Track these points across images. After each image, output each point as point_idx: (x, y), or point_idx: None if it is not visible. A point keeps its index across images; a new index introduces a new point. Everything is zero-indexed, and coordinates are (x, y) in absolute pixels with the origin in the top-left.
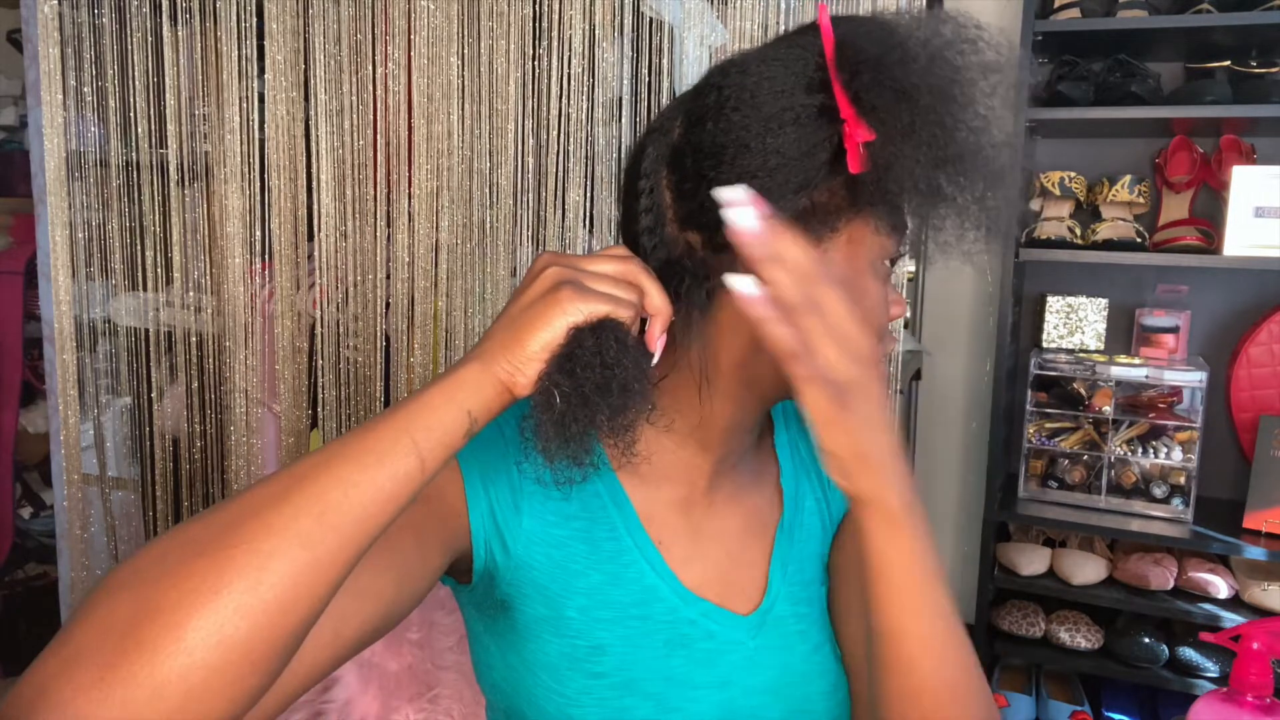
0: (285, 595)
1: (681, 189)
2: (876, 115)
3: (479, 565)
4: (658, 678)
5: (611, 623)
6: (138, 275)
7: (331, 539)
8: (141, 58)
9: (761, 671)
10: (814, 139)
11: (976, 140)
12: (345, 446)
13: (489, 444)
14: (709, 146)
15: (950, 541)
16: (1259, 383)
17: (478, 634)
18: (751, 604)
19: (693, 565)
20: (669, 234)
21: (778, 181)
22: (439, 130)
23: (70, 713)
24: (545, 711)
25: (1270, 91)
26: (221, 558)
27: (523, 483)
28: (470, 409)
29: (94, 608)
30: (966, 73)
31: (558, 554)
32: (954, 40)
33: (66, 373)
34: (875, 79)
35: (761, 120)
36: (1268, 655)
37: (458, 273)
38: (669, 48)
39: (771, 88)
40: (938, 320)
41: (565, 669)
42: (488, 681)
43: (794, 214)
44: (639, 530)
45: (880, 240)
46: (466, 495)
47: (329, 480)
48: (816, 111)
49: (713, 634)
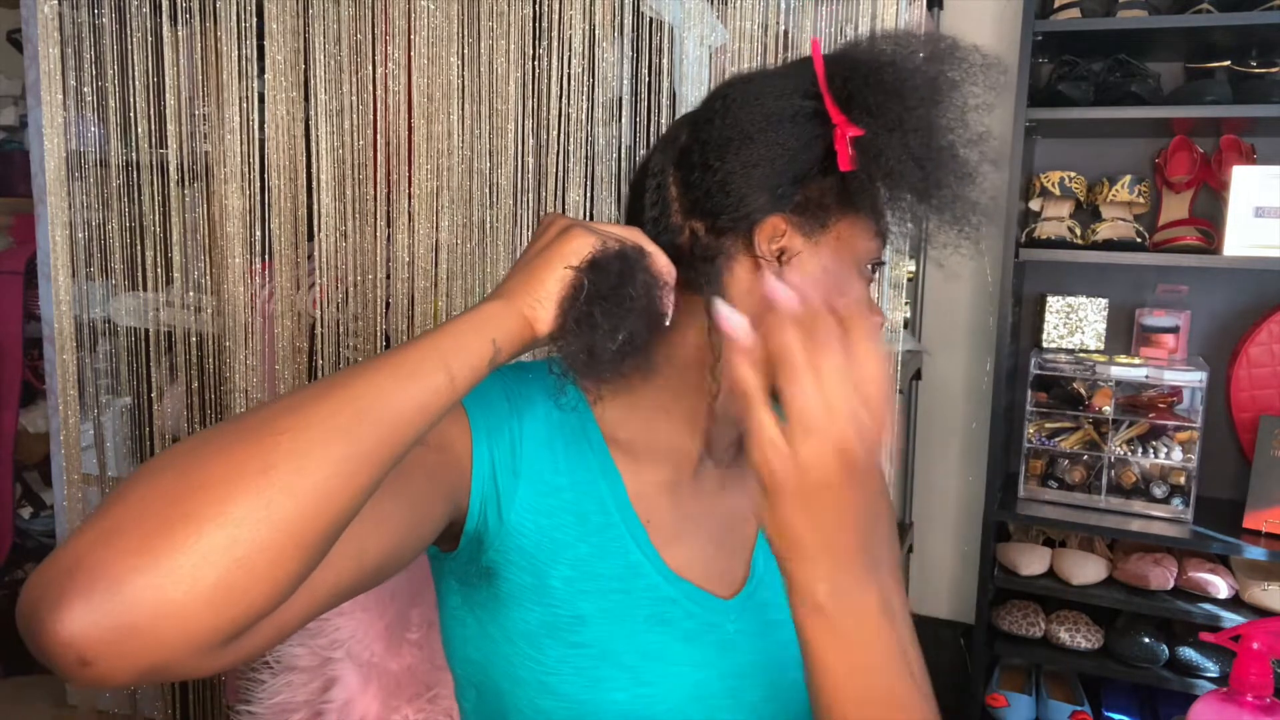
0: (329, 482)
1: (688, 181)
2: (867, 112)
3: (470, 527)
4: (636, 652)
5: (594, 595)
6: (138, 275)
7: (369, 435)
8: (141, 58)
9: (739, 655)
10: (809, 134)
11: (955, 139)
12: (379, 362)
13: (496, 408)
14: (716, 140)
15: (950, 541)
16: (1259, 383)
17: (454, 608)
18: (733, 589)
19: (677, 546)
20: (674, 223)
21: (777, 170)
22: (439, 130)
23: (112, 575)
24: (521, 680)
25: (1270, 91)
26: (268, 443)
27: (524, 449)
28: (495, 338)
29: (133, 488)
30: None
31: (547, 523)
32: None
33: (66, 373)
34: (866, 81)
35: (764, 115)
36: (1268, 655)
37: (458, 273)
38: (669, 48)
39: (774, 92)
40: (938, 320)
41: (545, 637)
42: (460, 656)
43: (791, 206)
44: (627, 507)
45: (865, 243)
46: (473, 454)
47: (364, 386)
48: (812, 112)
49: (693, 614)
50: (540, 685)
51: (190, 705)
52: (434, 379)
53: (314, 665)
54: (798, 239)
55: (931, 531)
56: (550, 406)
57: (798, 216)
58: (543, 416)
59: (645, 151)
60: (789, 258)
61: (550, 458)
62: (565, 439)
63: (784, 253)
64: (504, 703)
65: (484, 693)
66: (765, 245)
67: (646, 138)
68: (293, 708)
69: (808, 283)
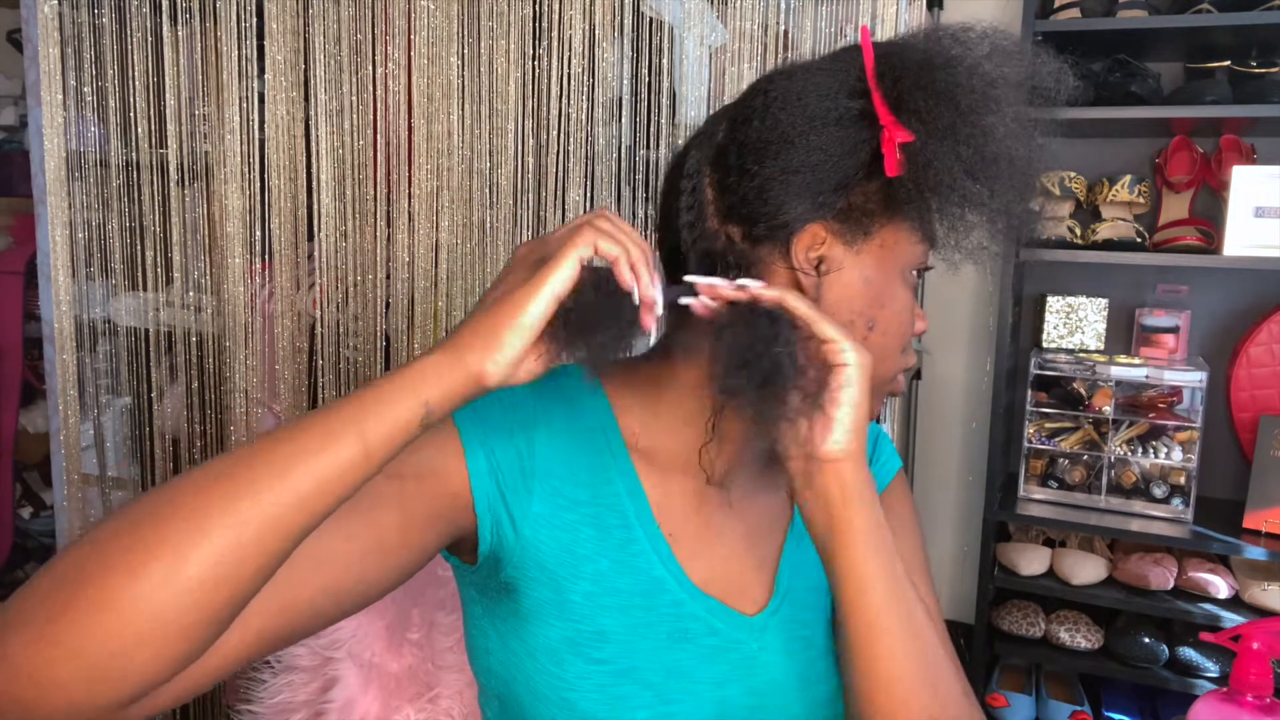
0: (209, 573)
1: (724, 184)
2: (918, 117)
3: (485, 547)
4: (658, 669)
5: (616, 610)
6: (138, 275)
7: (261, 524)
8: (141, 58)
9: (763, 673)
10: (854, 139)
11: (1012, 146)
12: (295, 430)
13: (496, 424)
14: (754, 143)
15: (950, 541)
16: (1259, 383)
17: (476, 617)
18: (758, 605)
19: (701, 561)
20: (710, 227)
21: (819, 177)
22: (439, 130)
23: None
24: (542, 696)
25: (1270, 91)
26: (159, 532)
27: (536, 463)
28: (428, 399)
29: (45, 571)
30: (1005, 82)
31: (565, 537)
32: (992, 52)
33: (66, 373)
34: (917, 83)
35: (806, 118)
36: (1268, 655)
37: (458, 273)
38: (669, 48)
39: (817, 91)
40: (938, 320)
41: (566, 653)
42: (483, 666)
43: (833, 213)
44: (650, 521)
45: (912, 249)
46: (470, 477)
47: (268, 464)
48: (858, 114)
49: (716, 631)
50: (562, 702)
51: (190, 705)
52: (345, 452)
53: (314, 665)
54: (839, 247)
55: (931, 531)
56: (570, 414)
57: (839, 224)
58: (561, 427)
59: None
60: (828, 268)
61: (568, 469)
62: (585, 448)
63: (823, 261)
64: (526, 716)
65: (506, 705)
66: (803, 256)
67: (646, 138)
68: (293, 708)
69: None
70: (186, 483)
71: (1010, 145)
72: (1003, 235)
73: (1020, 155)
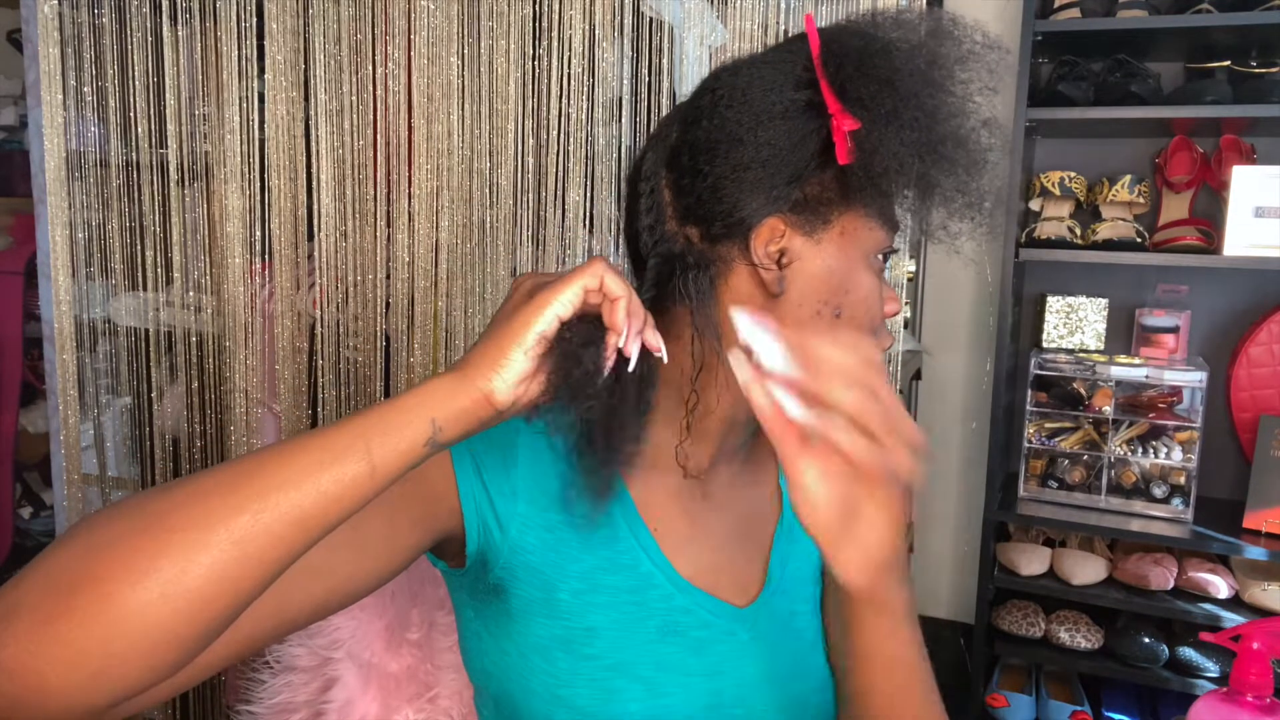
0: (209, 587)
1: (680, 185)
2: (861, 104)
3: (473, 549)
4: (649, 663)
5: (605, 607)
6: (138, 275)
7: (264, 538)
8: (141, 58)
9: (754, 664)
10: (803, 130)
11: (958, 125)
12: (301, 444)
13: None
14: (704, 142)
15: (950, 541)
16: (1259, 383)
17: (468, 621)
18: (748, 597)
19: (688, 554)
20: (669, 230)
21: (771, 171)
22: (439, 130)
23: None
24: (536, 693)
25: (1270, 91)
26: (161, 540)
27: (519, 467)
28: (436, 417)
29: (40, 565)
30: (945, 61)
31: (551, 537)
32: (934, 32)
33: (66, 373)
34: (859, 70)
35: (753, 114)
36: (1268, 655)
37: (458, 273)
38: (669, 48)
39: (762, 85)
40: (938, 320)
41: (557, 651)
42: (477, 667)
43: (789, 205)
44: (635, 517)
45: (873, 234)
46: (457, 479)
47: (274, 478)
48: (805, 105)
49: (707, 623)
50: (554, 698)
51: (190, 705)
52: (352, 469)
53: (314, 665)
54: (798, 238)
55: (932, 531)
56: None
57: (797, 215)
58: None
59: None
60: (789, 260)
61: (552, 470)
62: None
63: (784, 254)
64: (520, 715)
65: (501, 705)
66: (762, 250)
67: (646, 138)
68: (293, 708)
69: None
70: (189, 490)
71: (955, 124)
72: (962, 214)
73: (966, 133)
